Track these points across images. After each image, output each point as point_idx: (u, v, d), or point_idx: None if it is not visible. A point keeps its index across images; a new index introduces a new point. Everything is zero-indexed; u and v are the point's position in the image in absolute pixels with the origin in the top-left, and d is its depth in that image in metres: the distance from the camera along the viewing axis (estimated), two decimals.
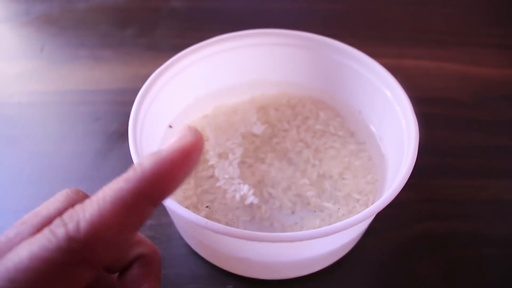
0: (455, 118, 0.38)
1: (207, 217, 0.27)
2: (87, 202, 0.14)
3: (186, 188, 0.29)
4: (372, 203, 0.28)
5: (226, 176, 0.29)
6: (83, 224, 0.13)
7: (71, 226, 0.13)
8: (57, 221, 0.13)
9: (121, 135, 0.37)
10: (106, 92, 0.40)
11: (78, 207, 0.14)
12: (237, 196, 0.28)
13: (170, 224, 0.30)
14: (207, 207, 0.28)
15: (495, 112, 0.39)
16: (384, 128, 0.30)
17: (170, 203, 0.22)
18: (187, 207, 0.28)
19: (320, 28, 0.34)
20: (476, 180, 0.34)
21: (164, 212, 0.31)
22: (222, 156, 0.30)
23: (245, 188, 0.28)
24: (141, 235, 0.19)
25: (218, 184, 0.29)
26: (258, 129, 0.32)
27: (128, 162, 0.24)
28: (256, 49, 0.32)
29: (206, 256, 0.28)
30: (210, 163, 0.30)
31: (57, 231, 0.13)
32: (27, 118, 0.39)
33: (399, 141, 0.27)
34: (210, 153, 0.30)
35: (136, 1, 0.51)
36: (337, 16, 0.50)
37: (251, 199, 0.28)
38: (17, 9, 0.50)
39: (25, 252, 0.13)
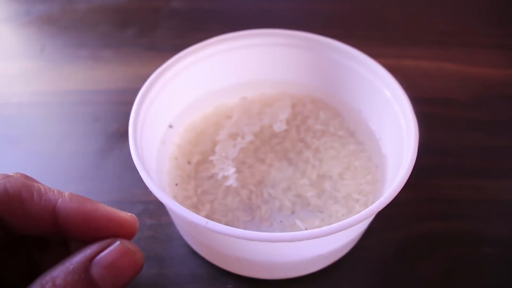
0: (455, 118, 0.38)
1: (207, 217, 0.27)
2: None
3: (186, 188, 0.29)
4: (372, 203, 0.28)
5: (223, 154, 0.29)
6: None
7: None
8: None
9: (122, 135, 0.37)
10: (107, 92, 0.40)
11: None
12: (220, 175, 0.29)
13: (170, 224, 0.30)
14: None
15: (495, 112, 0.39)
16: (384, 128, 0.30)
17: (171, 202, 0.22)
18: (187, 207, 0.28)
19: (320, 28, 0.34)
20: (476, 180, 0.34)
21: (164, 212, 0.31)
22: (231, 136, 0.31)
23: (230, 171, 0.28)
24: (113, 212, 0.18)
25: (210, 157, 0.30)
26: (279, 127, 0.32)
27: (129, 162, 0.24)
28: (256, 49, 0.32)
29: (206, 255, 0.28)
30: (218, 138, 0.31)
31: None
32: (27, 118, 0.39)
33: (399, 141, 0.27)
34: (222, 132, 0.31)
35: (137, 1, 0.51)
36: (337, 16, 0.50)
37: (231, 181, 0.28)
38: (17, 9, 0.50)
39: None
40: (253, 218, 0.28)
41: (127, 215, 0.18)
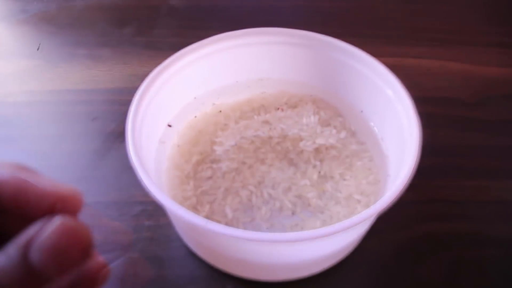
0: (457, 118, 0.38)
1: (206, 218, 0.27)
2: None
3: (185, 189, 0.29)
4: (374, 204, 0.28)
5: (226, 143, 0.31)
6: None
7: None
8: None
9: (119, 134, 0.36)
10: (104, 91, 0.40)
11: None
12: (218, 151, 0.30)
13: (169, 225, 0.30)
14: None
15: (498, 112, 0.39)
16: (385, 128, 0.30)
17: (169, 203, 0.21)
18: (186, 208, 0.28)
19: (321, 26, 0.33)
20: (478, 181, 0.33)
21: (163, 212, 0.31)
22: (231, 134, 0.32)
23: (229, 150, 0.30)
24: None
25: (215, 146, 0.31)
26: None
27: (126, 162, 0.23)
28: (256, 48, 0.32)
29: (205, 257, 0.28)
30: (225, 123, 0.32)
31: None
32: (23, 118, 0.38)
33: (400, 141, 0.27)
34: (222, 132, 0.31)
35: None
36: (338, 14, 0.49)
37: (225, 165, 0.29)
38: (13, 7, 0.49)
39: None
40: (253, 219, 0.28)
41: (66, 189, 0.15)
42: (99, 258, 0.16)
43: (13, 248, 0.13)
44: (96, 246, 0.15)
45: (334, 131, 0.32)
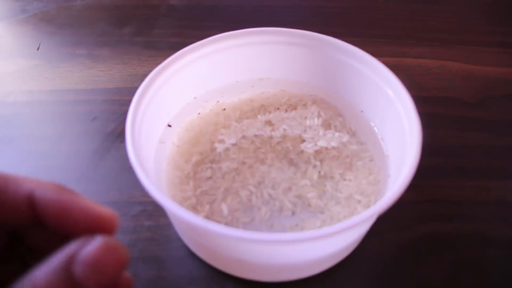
0: (458, 118, 0.38)
1: (206, 218, 0.27)
2: None
3: (185, 189, 0.29)
4: (374, 204, 0.27)
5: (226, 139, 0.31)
6: None
7: None
8: None
9: (119, 134, 0.36)
10: (104, 91, 0.40)
11: None
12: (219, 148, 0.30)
13: (169, 225, 0.30)
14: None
15: (499, 112, 0.38)
16: (386, 128, 0.30)
17: (169, 204, 0.21)
18: (186, 208, 0.27)
19: (321, 27, 0.33)
20: (480, 181, 0.33)
21: (163, 213, 0.30)
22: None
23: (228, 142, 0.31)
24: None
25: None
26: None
27: (126, 162, 0.23)
28: (256, 48, 0.32)
29: (205, 257, 0.28)
30: (226, 123, 0.32)
31: None
32: (23, 118, 0.38)
33: (401, 141, 0.26)
34: (222, 132, 0.31)
35: None
36: (338, 14, 0.49)
37: (225, 165, 0.30)
38: (13, 7, 0.49)
39: None
40: (253, 219, 0.28)
41: (105, 211, 0.17)
42: (126, 273, 0.17)
43: (57, 261, 0.14)
44: None
45: (337, 134, 0.31)
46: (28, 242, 0.18)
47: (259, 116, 0.33)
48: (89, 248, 0.14)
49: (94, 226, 0.16)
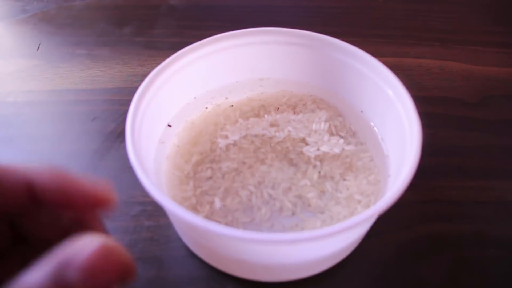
0: (458, 118, 0.38)
1: (206, 218, 0.27)
2: None
3: (185, 189, 0.29)
4: (374, 204, 0.27)
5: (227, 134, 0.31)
6: None
7: None
8: None
9: (119, 134, 0.36)
10: (104, 91, 0.40)
11: None
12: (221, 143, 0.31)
13: (169, 225, 0.30)
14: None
15: (499, 112, 0.38)
16: (386, 128, 0.30)
17: (169, 204, 0.21)
18: (186, 208, 0.27)
19: (321, 27, 0.33)
20: (480, 181, 0.33)
21: (163, 213, 0.30)
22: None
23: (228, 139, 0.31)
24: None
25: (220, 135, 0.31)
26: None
27: (126, 162, 0.23)
28: (256, 48, 0.32)
29: (205, 257, 0.28)
30: (226, 123, 0.32)
31: None
32: (23, 118, 0.38)
33: (401, 141, 0.26)
34: (221, 132, 0.32)
35: None
36: (338, 14, 0.49)
37: (225, 165, 0.30)
38: (13, 7, 0.49)
39: None
40: (253, 219, 0.28)
41: (100, 189, 0.17)
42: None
43: (48, 265, 0.13)
44: None
45: (341, 141, 0.31)
46: (25, 231, 0.17)
47: (265, 116, 0.33)
48: (86, 251, 0.13)
49: (91, 201, 0.16)
